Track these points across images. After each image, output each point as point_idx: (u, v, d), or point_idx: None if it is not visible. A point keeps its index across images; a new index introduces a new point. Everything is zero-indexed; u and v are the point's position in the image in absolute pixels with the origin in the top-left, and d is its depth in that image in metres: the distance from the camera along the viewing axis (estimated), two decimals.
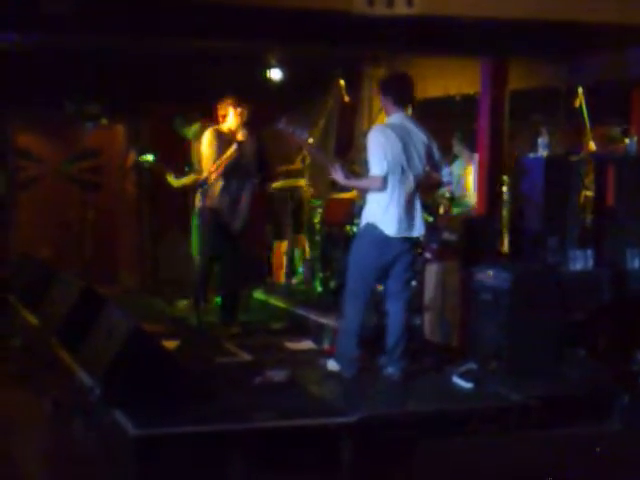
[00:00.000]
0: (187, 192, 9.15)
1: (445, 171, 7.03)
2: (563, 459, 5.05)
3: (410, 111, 6.70)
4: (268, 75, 9.67)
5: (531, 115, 9.24)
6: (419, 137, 6.63)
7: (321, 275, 9.28)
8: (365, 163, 6.75)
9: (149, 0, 6.66)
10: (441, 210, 8.21)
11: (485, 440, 5.67)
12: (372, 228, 6.60)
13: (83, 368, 6.57)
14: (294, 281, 10.00)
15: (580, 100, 8.57)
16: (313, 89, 10.45)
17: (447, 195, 8.28)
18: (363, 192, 6.69)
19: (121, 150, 11.48)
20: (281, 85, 9.82)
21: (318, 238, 9.49)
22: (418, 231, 6.68)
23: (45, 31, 7.10)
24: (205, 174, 8.10)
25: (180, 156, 9.35)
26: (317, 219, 9.59)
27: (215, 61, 9.35)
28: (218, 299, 8.53)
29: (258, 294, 9.75)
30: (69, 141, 11.44)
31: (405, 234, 6.60)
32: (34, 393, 6.76)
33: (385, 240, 6.56)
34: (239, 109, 8.14)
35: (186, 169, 9.23)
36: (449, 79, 9.68)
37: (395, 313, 6.75)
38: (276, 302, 9.43)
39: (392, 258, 6.63)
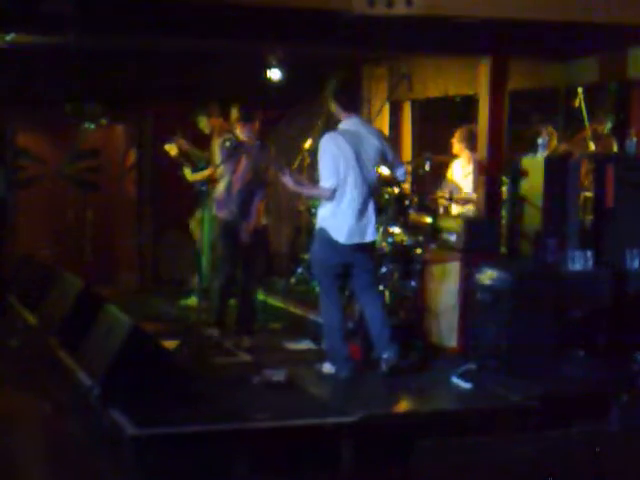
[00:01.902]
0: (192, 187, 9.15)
1: (401, 170, 7.06)
2: (562, 459, 5.05)
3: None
4: (268, 75, 9.65)
5: (531, 115, 9.22)
6: (371, 142, 6.67)
7: None
8: (316, 170, 6.78)
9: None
10: (440, 210, 8.19)
11: (484, 440, 5.68)
12: (324, 232, 6.68)
13: (82, 368, 6.57)
14: (293, 281, 9.98)
15: (580, 100, 8.55)
16: (312, 89, 10.43)
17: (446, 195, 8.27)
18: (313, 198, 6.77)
19: (121, 150, 11.48)
20: (280, 85, 9.80)
21: None
22: (370, 237, 6.72)
23: (45, 30, 7.09)
24: (222, 185, 8.02)
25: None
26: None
27: (215, 60, 9.34)
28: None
29: (257, 294, 9.73)
30: (69, 141, 11.43)
31: (356, 241, 6.65)
32: (33, 393, 6.75)
33: (336, 245, 6.63)
34: (247, 124, 7.93)
35: (202, 165, 9.21)
36: (448, 79, 9.66)
37: (369, 305, 6.82)
38: (275, 302, 9.42)
39: (347, 259, 6.70)
